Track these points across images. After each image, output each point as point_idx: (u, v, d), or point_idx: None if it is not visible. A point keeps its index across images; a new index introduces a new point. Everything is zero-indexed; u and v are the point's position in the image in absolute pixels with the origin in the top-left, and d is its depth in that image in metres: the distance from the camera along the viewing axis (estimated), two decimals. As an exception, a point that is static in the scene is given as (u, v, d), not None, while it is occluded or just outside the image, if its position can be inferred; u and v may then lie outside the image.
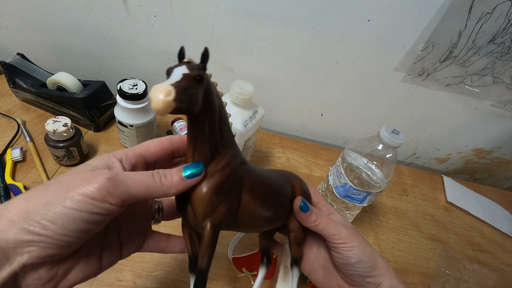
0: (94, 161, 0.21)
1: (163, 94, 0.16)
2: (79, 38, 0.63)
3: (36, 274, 0.19)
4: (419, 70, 0.60)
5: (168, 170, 0.21)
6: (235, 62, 0.63)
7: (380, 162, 0.42)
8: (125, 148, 0.23)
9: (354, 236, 0.29)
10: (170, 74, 0.18)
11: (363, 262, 0.28)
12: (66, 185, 0.19)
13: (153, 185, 0.20)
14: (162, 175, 0.21)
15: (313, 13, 0.53)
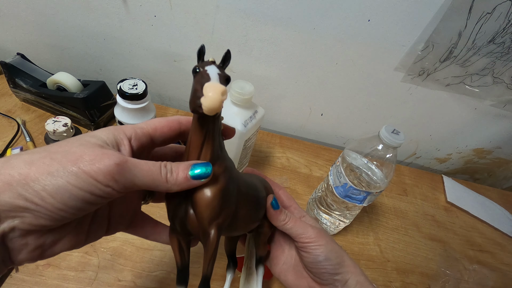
0: (103, 134, 0.20)
1: (221, 93, 0.17)
2: (79, 38, 0.63)
3: (24, 240, 0.18)
4: (419, 70, 0.60)
5: (176, 165, 0.21)
6: (235, 62, 0.63)
7: (380, 162, 0.42)
8: (134, 124, 0.22)
9: (321, 235, 0.30)
10: (205, 72, 0.18)
11: (330, 259, 0.29)
12: (73, 159, 0.18)
13: (158, 179, 0.20)
14: (169, 170, 0.20)
15: (313, 13, 0.53)
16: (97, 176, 0.18)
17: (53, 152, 0.18)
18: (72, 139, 0.20)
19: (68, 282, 0.37)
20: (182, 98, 0.73)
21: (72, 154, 0.18)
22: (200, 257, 0.43)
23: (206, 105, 0.17)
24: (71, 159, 0.18)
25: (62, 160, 0.18)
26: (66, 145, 0.19)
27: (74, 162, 0.18)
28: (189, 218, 0.22)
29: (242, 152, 0.49)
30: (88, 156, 0.18)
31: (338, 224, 0.50)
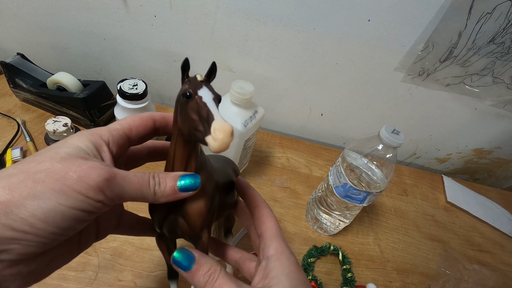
0: (80, 142, 0.19)
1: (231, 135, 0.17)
2: (79, 38, 0.63)
3: (15, 269, 0.17)
4: (419, 70, 0.60)
5: (163, 177, 0.20)
6: (235, 62, 0.63)
7: (380, 162, 0.42)
8: (109, 126, 0.21)
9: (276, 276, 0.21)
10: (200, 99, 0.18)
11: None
12: (59, 177, 0.16)
13: (147, 192, 0.20)
14: (157, 183, 0.20)
15: (313, 13, 0.53)
16: (88, 192, 0.17)
17: (34, 173, 0.16)
18: (46, 152, 0.18)
19: (68, 282, 0.37)
20: (182, 98, 0.73)
21: (56, 173, 0.17)
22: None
23: (216, 147, 0.17)
24: (57, 177, 0.16)
25: (46, 180, 0.16)
26: (44, 161, 0.17)
27: (61, 181, 0.16)
28: (180, 226, 0.23)
29: (242, 152, 0.49)
30: (74, 173, 0.17)
31: (338, 224, 0.50)
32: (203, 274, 0.21)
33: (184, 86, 0.19)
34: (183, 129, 0.19)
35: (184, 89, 0.19)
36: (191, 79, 0.19)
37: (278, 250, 0.23)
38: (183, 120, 0.19)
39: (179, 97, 0.19)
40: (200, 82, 0.19)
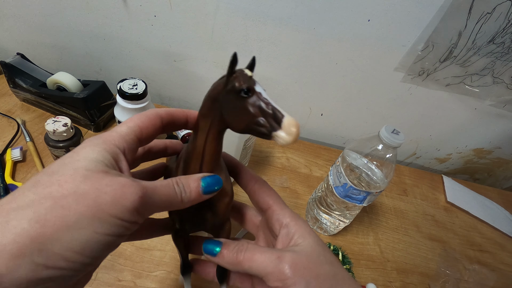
0: (96, 153, 0.17)
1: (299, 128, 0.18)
2: (79, 38, 0.63)
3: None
4: (419, 70, 0.59)
5: (186, 182, 0.19)
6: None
7: (380, 162, 0.42)
8: (120, 131, 0.19)
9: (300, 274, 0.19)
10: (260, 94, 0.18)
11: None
12: (91, 202, 0.15)
13: (175, 200, 0.19)
14: (182, 190, 0.19)
15: (313, 13, 0.53)
16: (124, 215, 0.15)
17: (60, 198, 0.14)
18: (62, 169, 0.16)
19: (68, 282, 0.37)
20: (182, 98, 0.73)
21: (85, 196, 0.15)
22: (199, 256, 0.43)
23: (290, 141, 0.17)
24: (88, 202, 0.15)
25: (77, 207, 0.14)
26: (66, 182, 0.15)
27: (94, 206, 0.15)
28: (208, 220, 0.24)
29: (242, 152, 0.49)
30: (106, 195, 0.15)
31: (338, 224, 0.50)
32: (231, 250, 0.21)
33: (237, 81, 0.18)
34: (236, 124, 0.19)
35: (239, 84, 0.18)
36: (240, 74, 0.19)
37: (293, 217, 0.23)
38: (237, 116, 0.18)
39: (229, 92, 0.18)
40: (251, 77, 0.19)
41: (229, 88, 0.18)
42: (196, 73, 0.66)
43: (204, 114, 0.20)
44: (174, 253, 0.43)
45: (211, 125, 0.20)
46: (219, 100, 0.19)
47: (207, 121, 0.20)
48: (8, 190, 0.44)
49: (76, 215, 0.14)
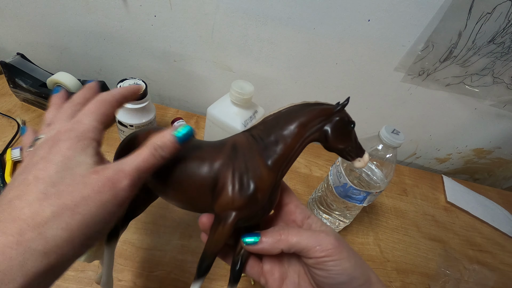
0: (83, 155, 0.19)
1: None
2: (79, 38, 0.63)
3: None
4: (419, 70, 0.59)
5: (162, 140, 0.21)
6: (235, 62, 0.63)
7: (380, 162, 0.42)
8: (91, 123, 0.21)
9: (340, 245, 0.23)
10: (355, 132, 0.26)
11: (356, 279, 0.22)
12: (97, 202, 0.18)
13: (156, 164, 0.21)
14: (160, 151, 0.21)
15: (313, 13, 0.53)
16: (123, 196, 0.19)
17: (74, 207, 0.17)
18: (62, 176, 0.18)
19: (68, 282, 0.37)
20: (182, 98, 0.73)
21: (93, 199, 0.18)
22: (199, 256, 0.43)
23: (362, 167, 0.26)
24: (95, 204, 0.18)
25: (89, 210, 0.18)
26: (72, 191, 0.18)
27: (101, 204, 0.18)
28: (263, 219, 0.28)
29: (242, 152, 0.49)
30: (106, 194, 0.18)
31: (338, 224, 0.50)
32: (271, 235, 0.24)
33: (346, 114, 0.25)
34: (336, 143, 0.25)
35: (350, 118, 0.25)
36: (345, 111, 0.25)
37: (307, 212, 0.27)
38: (340, 138, 0.25)
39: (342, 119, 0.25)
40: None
41: (342, 116, 0.25)
42: (196, 73, 0.66)
43: (305, 124, 0.24)
44: (174, 253, 0.43)
45: (309, 134, 0.24)
46: (326, 120, 0.24)
47: (307, 130, 0.24)
48: (8, 190, 0.44)
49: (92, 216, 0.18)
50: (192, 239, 0.45)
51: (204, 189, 0.24)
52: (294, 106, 0.25)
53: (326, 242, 0.22)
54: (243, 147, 0.24)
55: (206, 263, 0.25)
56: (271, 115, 0.25)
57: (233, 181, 0.23)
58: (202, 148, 0.25)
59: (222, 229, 0.23)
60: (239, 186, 0.23)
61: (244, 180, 0.23)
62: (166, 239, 0.44)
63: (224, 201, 0.23)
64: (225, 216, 0.23)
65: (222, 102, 0.48)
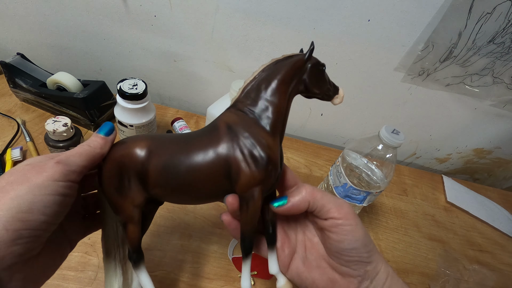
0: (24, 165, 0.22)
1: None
2: (79, 38, 0.63)
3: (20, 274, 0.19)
4: (419, 70, 0.59)
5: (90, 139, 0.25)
6: (235, 62, 0.63)
7: (380, 162, 0.42)
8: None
9: (352, 213, 0.25)
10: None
11: (366, 245, 0.24)
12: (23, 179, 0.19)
13: (90, 151, 0.23)
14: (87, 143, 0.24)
15: (313, 13, 0.53)
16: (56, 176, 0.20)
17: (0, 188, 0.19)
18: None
19: (68, 282, 0.37)
20: (182, 98, 0.73)
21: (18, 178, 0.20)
22: (200, 257, 0.43)
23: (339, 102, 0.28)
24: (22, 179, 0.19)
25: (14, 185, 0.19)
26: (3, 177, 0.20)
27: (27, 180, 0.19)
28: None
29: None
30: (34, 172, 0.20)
31: (338, 224, 0.50)
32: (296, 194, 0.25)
33: (316, 59, 0.26)
34: (316, 88, 0.27)
35: (320, 62, 0.27)
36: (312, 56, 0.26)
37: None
38: (318, 83, 0.27)
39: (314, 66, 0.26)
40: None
41: (314, 62, 0.26)
42: (196, 73, 0.66)
43: (285, 81, 0.25)
44: (174, 253, 0.43)
45: (292, 89, 0.26)
46: (301, 71, 0.26)
47: (288, 86, 0.25)
48: (8, 190, 0.44)
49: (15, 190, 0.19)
50: (192, 239, 0.45)
51: (219, 178, 0.24)
52: (267, 67, 0.26)
53: (345, 207, 0.24)
54: (238, 124, 0.24)
55: (249, 240, 0.25)
56: (249, 84, 0.26)
57: (246, 159, 0.23)
58: (196, 139, 0.25)
59: (253, 206, 0.24)
60: (254, 162, 0.23)
61: (255, 154, 0.23)
62: (166, 239, 0.44)
63: (245, 181, 0.23)
64: (251, 194, 0.24)
65: (222, 102, 0.48)
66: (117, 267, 0.27)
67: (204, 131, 0.26)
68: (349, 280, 0.24)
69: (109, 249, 0.27)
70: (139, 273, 0.26)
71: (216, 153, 0.24)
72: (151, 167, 0.24)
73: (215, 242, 0.45)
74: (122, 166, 0.24)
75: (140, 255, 0.26)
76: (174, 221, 0.46)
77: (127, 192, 0.24)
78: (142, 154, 0.24)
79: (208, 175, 0.24)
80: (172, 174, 0.24)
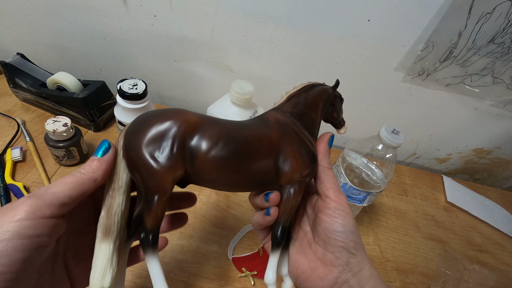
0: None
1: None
2: (79, 38, 0.63)
3: None
4: (419, 70, 0.59)
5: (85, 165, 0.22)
6: (235, 62, 0.63)
7: (380, 162, 0.42)
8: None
9: (348, 204, 0.26)
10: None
11: (355, 234, 0.25)
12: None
13: (79, 177, 0.21)
14: (80, 170, 0.21)
15: (313, 13, 0.53)
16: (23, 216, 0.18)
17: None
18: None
19: (68, 282, 0.37)
20: (182, 98, 0.73)
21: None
22: (200, 257, 0.43)
23: (344, 132, 0.33)
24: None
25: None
26: None
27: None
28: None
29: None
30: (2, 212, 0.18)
31: (338, 224, 0.50)
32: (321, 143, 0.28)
33: (339, 93, 0.33)
34: (335, 116, 0.32)
35: (341, 96, 0.34)
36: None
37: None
38: (339, 111, 0.33)
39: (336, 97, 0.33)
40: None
41: (338, 94, 0.33)
42: (196, 73, 0.66)
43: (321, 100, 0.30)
44: (174, 253, 0.43)
45: (323, 107, 0.30)
46: (329, 97, 0.31)
47: (322, 104, 0.30)
48: (8, 190, 0.44)
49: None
50: (192, 239, 0.45)
51: (268, 162, 0.25)
52: (307, 86, 0.30)
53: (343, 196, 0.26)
54: (287, 123, 0.27)
55: (283, 231, 0.26)
56: (292, 95, 0.29)
57: (295, 154, 0.25)
58: (249, 127, 0.26)
59: (295, 197, 0.25)
60: (302, 157, 0.25)
61: (303, 151, 0.26)
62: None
63: (293, 172, 0.25)
64: (295, 185, 0.25)
65: (222, 102, 0.48)
66: (114, 254, 0.22)
67: (255, 121, 0.27)
68: (330, 269, 0.24)
69: (109, 229, 0.22)
70: (152, 261, 0.22)
71: (270, 139, 0.25)
72: (205, 137, 0.23)
73: (215, 242, 0.45)
74: (171, 130, 0.22)
75: (157, 238, 0.23)
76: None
77: (169, 161, 0.21)
78: (198, 121, 0.23)
79: (261, 157, 0.24)
80: (225, 150, 0.23)
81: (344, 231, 0.24)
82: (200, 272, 0.42)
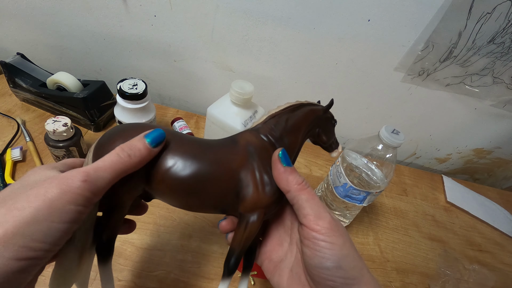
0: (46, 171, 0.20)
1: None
2: (79, 38, 0.63)
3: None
4: (419, 70, 0.59)
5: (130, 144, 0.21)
6: (235, 62, 0.63)
7: (380, 162, 0.42)
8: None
9: (337, 230, 0.21)
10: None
11: (343, 269, 0.21)
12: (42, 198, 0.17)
13: (125, 164, 0.20)
14: (128, 151, 0.20)
15: (313, 13, 0.53)
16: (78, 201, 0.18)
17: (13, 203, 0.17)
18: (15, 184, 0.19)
19: (68, 282, 0.37)
20: (182, 98, 0.73)
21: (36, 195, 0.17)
22: (200, 257, 0.43)
23: (337, 156, 0.33)
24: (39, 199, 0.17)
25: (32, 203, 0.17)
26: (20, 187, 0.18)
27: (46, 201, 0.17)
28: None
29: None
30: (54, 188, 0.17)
31: (338, 224, 0.50)
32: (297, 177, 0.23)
33: (332, 114, 0.31)
34: (324, 138, 0.31)
35: (334, 117, 0.31)
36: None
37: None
38: (327, 133, 0.31)
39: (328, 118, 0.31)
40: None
41: (329, 116, 0.31)
42: (196, 73, 0.66)
43: (305, 122, 0.28)
44: (174, 253, 0.43)
45: (307, 131, 0.29)
46: (318, 119, 0.29)
47: (306, 127, 0.28)
48: (8, 190, 0.44)
49: (32, 212, 0.16)
50: (192, 239, 0.45)
51: (228, 191, 0.24)
52: (292, 105, 0.28)
53: (326, 220, 0.21)
54: (257, 147, 0.25)
55: (235, 260, 0.25)
56: (273, 115, 0.27)
57: (256, 182, 0.24)
58: (215, 149, 0.25)
59: (251, 228, 0.24)
60: (264, 187, 0.24)
61: (266, 180, 0.24)
62: (166, 239, 0.44)
63: (251, 201, 0.24)
64: (253, 215, 0.24)
65: (222, 102, 0.48)
66: (76, 256, 0.22)
67: (223, 142, 0.26)
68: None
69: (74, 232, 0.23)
70: (105, 270, 0.24)
71: (232, 166, 0.24)
72: (163, 160, 0.22)
73: (215, 242, 0.45)
74: None
75: (112, 249, 0.24)
76: (174, 221, 0.46)
77: (127, 180, 0.22)
78: None
79: (220, 183, 0.23)
80: (183, 173, 0.23)
81: (328, 267, 0.21)
82: (200, 272, 0.42)
